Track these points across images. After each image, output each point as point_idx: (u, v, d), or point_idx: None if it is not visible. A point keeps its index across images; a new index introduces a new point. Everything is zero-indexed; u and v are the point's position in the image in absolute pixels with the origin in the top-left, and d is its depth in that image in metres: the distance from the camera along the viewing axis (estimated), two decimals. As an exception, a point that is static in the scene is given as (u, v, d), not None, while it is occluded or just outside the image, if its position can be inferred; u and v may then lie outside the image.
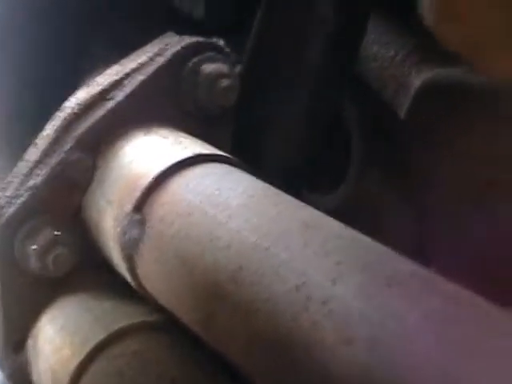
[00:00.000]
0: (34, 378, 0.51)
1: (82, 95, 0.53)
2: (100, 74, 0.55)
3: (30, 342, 0.52)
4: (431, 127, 0.59)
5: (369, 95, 0.61)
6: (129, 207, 0.46)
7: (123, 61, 0.55)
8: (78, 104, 0.52)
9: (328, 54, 0.57)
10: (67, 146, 0.51)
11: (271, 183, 0.44)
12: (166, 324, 0.46)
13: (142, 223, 0.45)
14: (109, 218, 0.48)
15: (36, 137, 0.54)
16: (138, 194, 0.46)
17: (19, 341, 0.52)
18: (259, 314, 0.36)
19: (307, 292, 0.34)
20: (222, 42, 0.55)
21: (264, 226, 0.39)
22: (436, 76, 0.56)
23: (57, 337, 0.48)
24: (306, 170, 0.58)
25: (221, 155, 0.47)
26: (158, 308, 0.46)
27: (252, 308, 0.36)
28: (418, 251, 0.51)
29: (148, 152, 0.49)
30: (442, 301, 0.31)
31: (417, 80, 0.58)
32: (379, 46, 0.61)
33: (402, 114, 0.58)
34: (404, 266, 0.34)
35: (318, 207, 0.40)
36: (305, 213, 0.40)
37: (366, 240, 0.37)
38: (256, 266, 0.37)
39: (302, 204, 0.41)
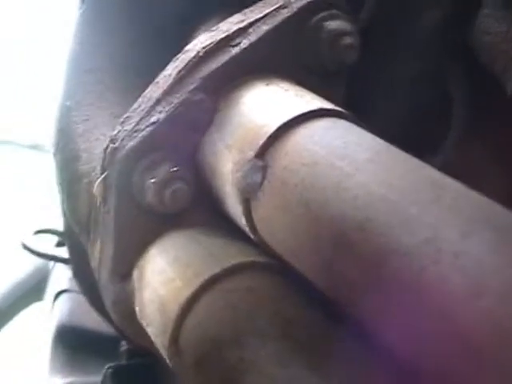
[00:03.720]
0: (138, 307, 0.53)
1: (206, 39, 0.55)
2: (220, 21, 0.57)
3: (136, 272, 0.54)
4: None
5: (477, 67, 0.62)
6: (251, 153, 0.48)
7: (246, 10, 0.56)
8: (203, 48, 0.54)
9: (443, 24, 0.59)
10: (190, 87, 0.52)
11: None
12: (278, 266, 0.48)
13: (263, 169, 0.47)
14: (227, 162, 0.50)
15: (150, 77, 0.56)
16: (261, 141, 0.48)
17: (126, 270, 0.54)
18: (386, 265, 0.38)
19: (437, 245, 0.36)
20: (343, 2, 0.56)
21: (392, 180, 0.40)
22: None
23: (168, 268, 0.50)
24: (410, 133, 0.60)
25: (342, 111, 0.49)
26: (270, 252, 0.48)
27: (379, 258, 0.38)
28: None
29: (270, 102, 0.50)
30: None
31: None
32: (492, 20, 0.62)
33: (509, 90, 0.59)
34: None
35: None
36: (431, 171, 0.41)
37: (492, 202, 0.38)
38: (384, 218, 0.39)
39: (425, 163, 0.42)
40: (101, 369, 0.87)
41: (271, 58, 0.54)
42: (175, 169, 0.52)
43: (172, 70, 0.54)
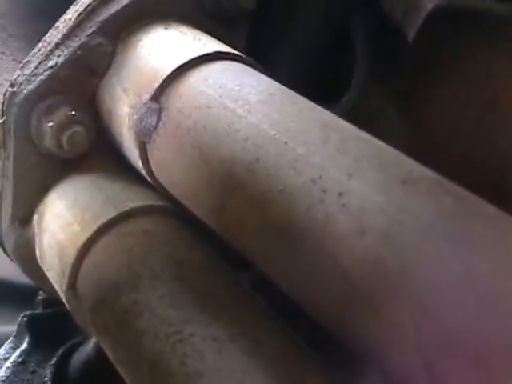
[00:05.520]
0: (38, 253, 0.53)
1: (105, -16, 0.54)
2: None
3: (36, 217, 0.53)
4: (435, 50, 0.60)
5: (378, 15, 0.62)
6: (146, 96, 0.47)
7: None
8: (102, -9, 0.53)
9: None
10: (89, 31, 0.52)
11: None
12: (174, 210, 0.48)
13: (159, 112, 0.46)
14: (124, 105, 0.50)
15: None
16: (156, 84, 0.47)
17: (26, 215, 0.54)
18: (273, 205, 0.38)
19: (323, 185, 0.36)
20: None
21: (283, 122, 0.40)
22: (449, 0, 0.58)
23: (66, 212, 0.50)
24: (312, 79, 0.60)
25: (239, 55, 0.49)
26: (167, 195, 0.48)
27: (267, 198, 0.38)
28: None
29: (167, 46, 0.50)
30: (454, 201, 0.33)
31: (429, 3, 0.59)
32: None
33: (410, 36, 0.60)
34: (417, 168, 0.36)
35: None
36: (323, 114, 0.41)
37: (381, 143, 0.38)
38: (273, 159, 0.39)
39: (319, 107, 0.43)
40: (17, 318, 0.86)
41: (171, 2, 0.53)
42: (73, 113, 0.51)
43: (72, 13, 0.54)
